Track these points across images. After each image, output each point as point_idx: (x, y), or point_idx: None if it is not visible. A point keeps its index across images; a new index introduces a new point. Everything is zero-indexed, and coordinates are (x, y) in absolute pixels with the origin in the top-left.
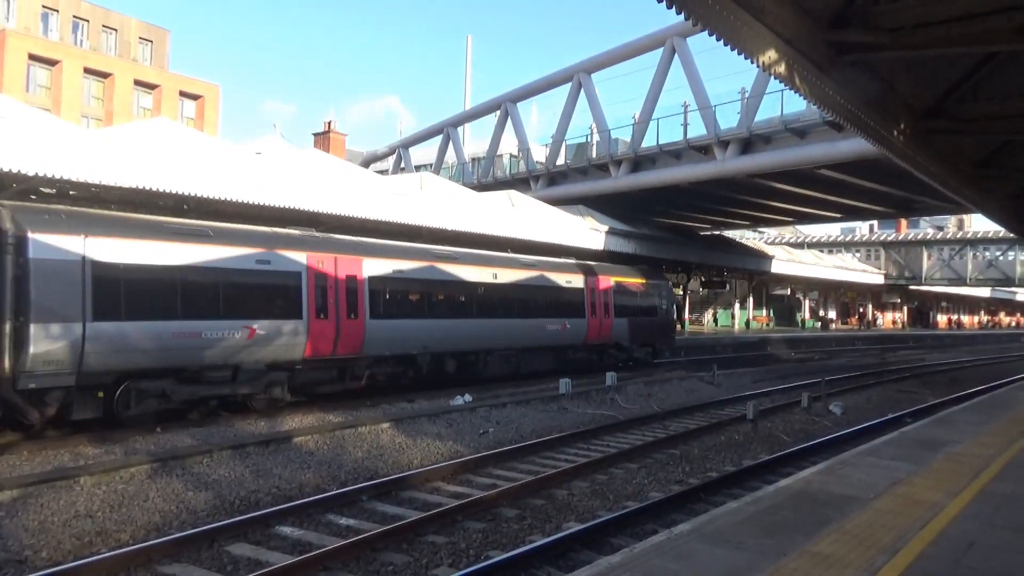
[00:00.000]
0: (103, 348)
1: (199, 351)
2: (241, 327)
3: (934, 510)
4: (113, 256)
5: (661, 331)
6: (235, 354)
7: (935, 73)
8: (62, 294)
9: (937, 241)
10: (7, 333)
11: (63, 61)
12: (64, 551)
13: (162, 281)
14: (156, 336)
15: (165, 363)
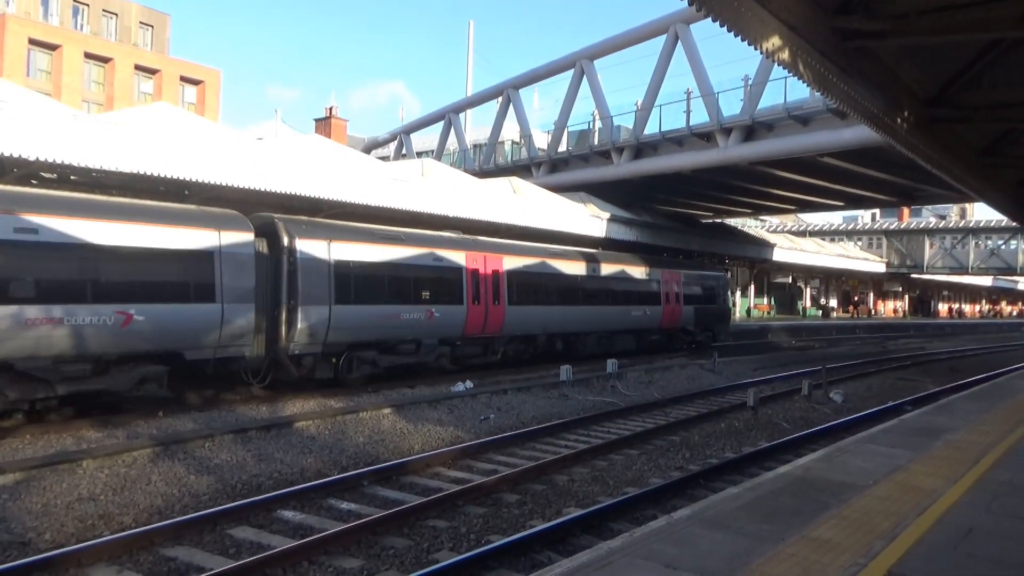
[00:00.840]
0: (340, 325)
1: (397, 329)
2: (424, 310)
3: (932, 497)
4: (345, 256)
5: (719, 318)
6: (419, 332)
7: (939, 61)
8: (317, 285)
9: (939, 230)
10: (284, 314)
11: (63, 46)
12: (67, 534)
13: (375, 274)
14: (372, 317)
15: (375, 337)
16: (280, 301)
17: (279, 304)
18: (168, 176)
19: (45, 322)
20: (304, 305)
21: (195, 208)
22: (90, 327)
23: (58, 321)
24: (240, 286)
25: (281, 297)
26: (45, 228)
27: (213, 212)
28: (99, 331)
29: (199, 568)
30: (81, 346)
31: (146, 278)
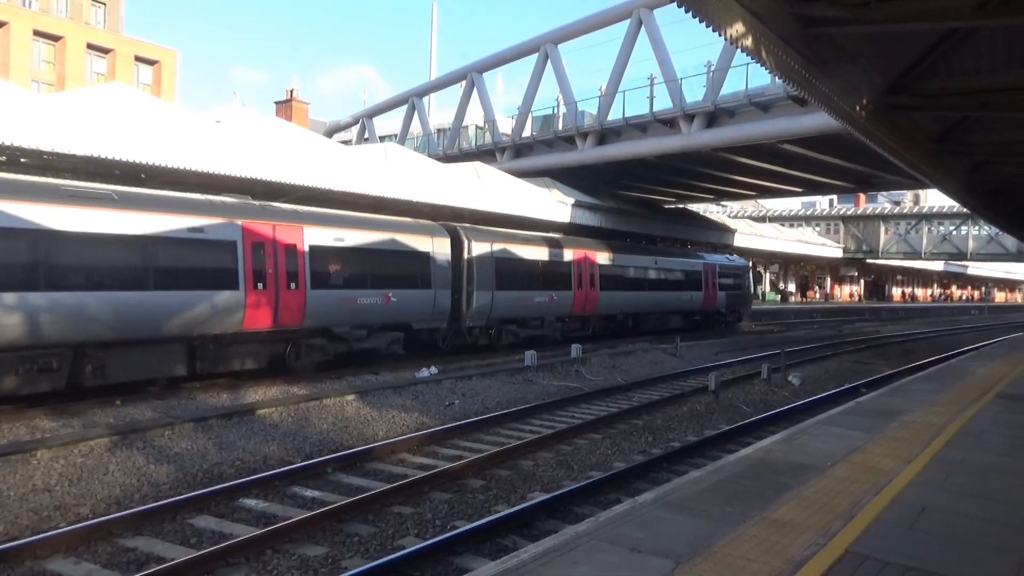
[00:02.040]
0: (499, 306)
1: (530, 308)
2: (548, 295)
3: (888, 477)
4: (502, 254)
5: (744, 301)
6: (544, 311)
7: (897, 49)
8: (485, 276)
9: (894, 216)
10: (464, 296)
11: (10, 23)
12: (21, 526)
13: (521, 268)
14: (518, 300)
15: (518, 315)
16: (461, 287)
17: (460, 290)
18: (124, 160)
19: (349, 301)
20: (478, 290)
21: (418, 221)
22: (371, 305)
23: (353, 301)
24: (443, 277)
25: (462, 284)
26: (349, 238)
27: (427, 224)
28: (374, 308)
29: (159, 558)
30: (366, 318)
31: (397, 272)
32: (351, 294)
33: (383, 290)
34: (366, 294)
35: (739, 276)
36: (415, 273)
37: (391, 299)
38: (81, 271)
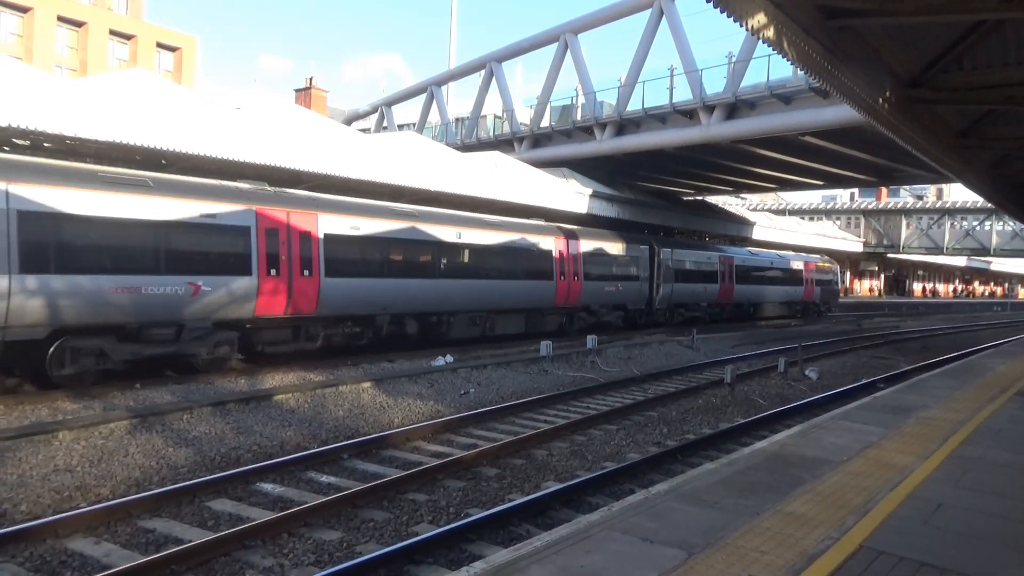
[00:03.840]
0: (676, 295)
1: (694, 296)
2: (704, 287)
3: (904, 473)
4: (678, 256)
5: (833, 295)
6: (700, 298)
7: (921, 41)
8: (667, 273)
9: (916, 210)
10: (654, 287)
11: (35, 8)
12: (44, 505)
13: (687, 268)
14: (685, 290)
15: (686, 301)
16: (652, 280)
17: (651, 281)
18: (145, 145)
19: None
20: (663, 283)
21: (634, 235)
22: (614, 290)
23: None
24: (644, 275)
25: (653, 278)
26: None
27: (638, 237)
28: (607, 292)
29: (178, 540)
30: (605, 299)
31: (624, 272)
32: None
33: (612, 282)
34: (608, 283)
35: (830, 275)
36: (638, 271)
37: (617, 289)
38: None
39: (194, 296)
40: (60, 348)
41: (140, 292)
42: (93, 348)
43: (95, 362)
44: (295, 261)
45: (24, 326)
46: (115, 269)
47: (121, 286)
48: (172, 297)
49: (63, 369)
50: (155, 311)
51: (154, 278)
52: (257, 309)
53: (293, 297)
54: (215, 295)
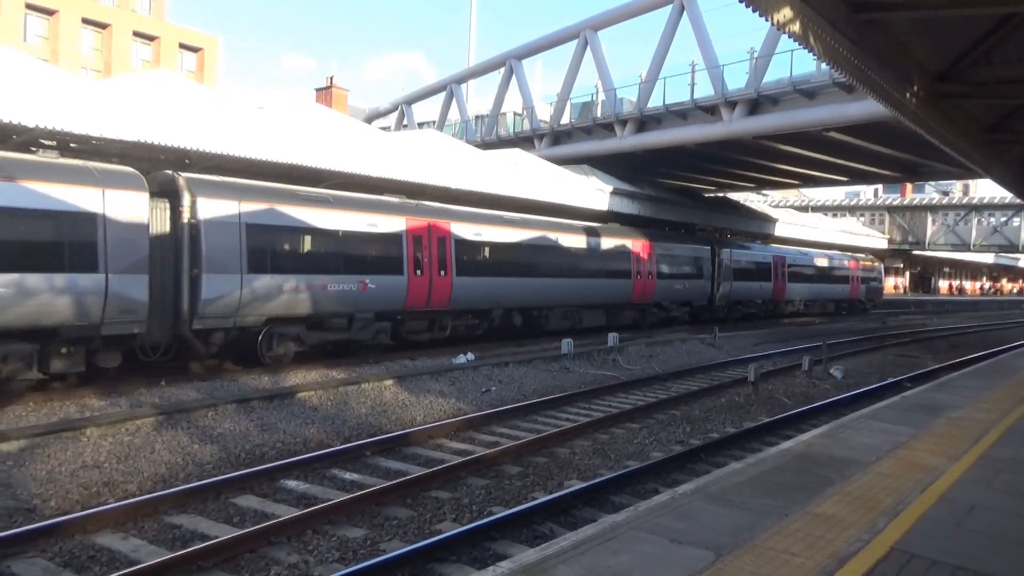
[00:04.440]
0: (735, 292)
1: (750, 293)
2: (759, 285)
3: (935, 474)
4: (737, 256)
5: (877, 293)
6: (756, 295)
7: (950, 35)
8: (727, 272)
9: (942, 206)
10: (715, 285)
11: (60, 11)
12: (72, 501)
13: (745, 267)
14: (744, 287)
15: (743, 298)
16: (714, 278)
17: (713, 280)
18: (169, 145)
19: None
20: (723, 281)
21: (697, 237)
22: (682, 288)
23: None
24: (708, 273)
25: (714, 277)
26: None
27: (701, 238)
28: (676, 289)
29: (204, 536)
30: (682, 295)
31: (691, 270)
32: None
33: (679, 281)
34: (676, 282)
35: (875, 273)
36: (700, 269)
37: (684, 287)
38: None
39: (363, 292)
40: (268, 333)
41: (326, 289)
42: (292, 334)
43: (294, 346)
44: (434, 263)
45: (250, 315)
46: (310, 270)
47: (314, 284)
48: (347, 293)
49: (270, 351)
50: (335, 305)
51: (336, 277)
52: (406, 303)
53: (433, 293)
54: (378, 291)
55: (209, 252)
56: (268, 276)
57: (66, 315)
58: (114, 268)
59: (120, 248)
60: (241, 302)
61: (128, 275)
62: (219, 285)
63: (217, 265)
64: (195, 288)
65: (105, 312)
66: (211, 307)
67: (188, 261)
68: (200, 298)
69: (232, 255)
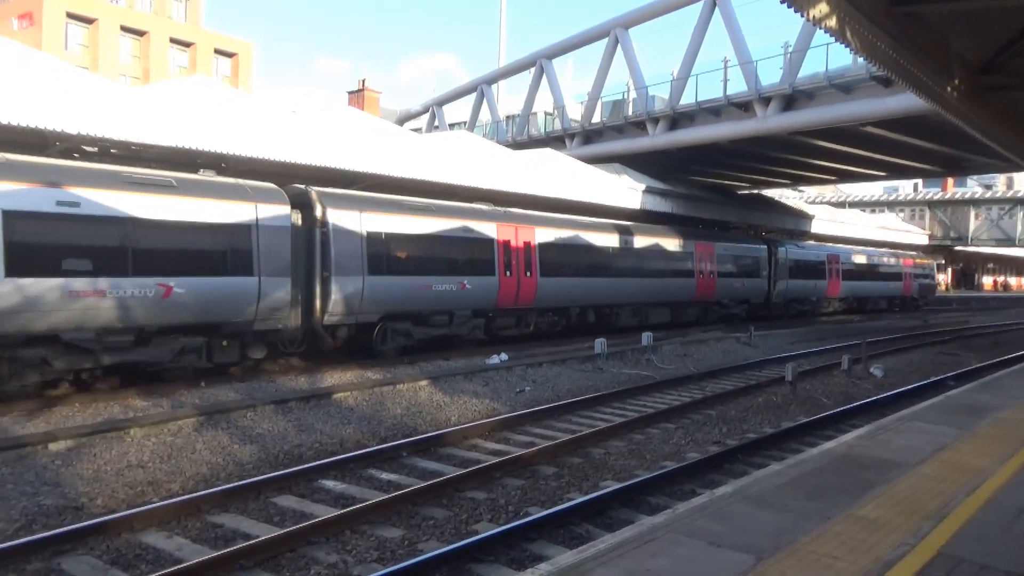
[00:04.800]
0: (791, 289)
1: (805, 291)
2: (814, 283)
3: (981, 476)
4: (794, 255)
5: (930, 290)
6: (811, 293)
7: (992, 26)
8: (784, 270)
9: (985, 200)
10: (772, 283)
11: (100, 19)
12: (118, 500)
13: (803, 265)
14: (727, 285)
15: (799, 296)
16: (771, 277)
17: (770, 278)
18: (205, 150)
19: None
20: (779, 280)
21: (754, 237)
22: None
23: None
24: (764, 271)
25: (771, 275)
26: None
27: (758, 238)
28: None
29: (245, 535)
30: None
31: (748, 268)
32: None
33: (738, 279)
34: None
35: (927, 270)
36: (758, 268)
37: (742, 285)
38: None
39: (461, 291)
40: (382, 328)
41: (430, 288)
42: (402, 329)
43: (403, 340)
44: (521, 265)
45: (368, 312)
46: (417, 272)
47: (421, 285)
48: (448, 292)
49: (384, 345)
50: (438, 303)
51: (438, 278)
52: (498, 301)
53: (520, 292)
54: (474, 291)
55: (337, 257)
56: (384, 278)
57: (228, 313)
58: (265, 272)
59: (269, 255)
60: (362, 301)
61: (275, 278)
62: (345, 286)
63: (344, 268)
64: (326, 288)
65: (258, 310)
66: (338, 305)
67: (320, 265)
68: (330, 297)
69: (355, 259)
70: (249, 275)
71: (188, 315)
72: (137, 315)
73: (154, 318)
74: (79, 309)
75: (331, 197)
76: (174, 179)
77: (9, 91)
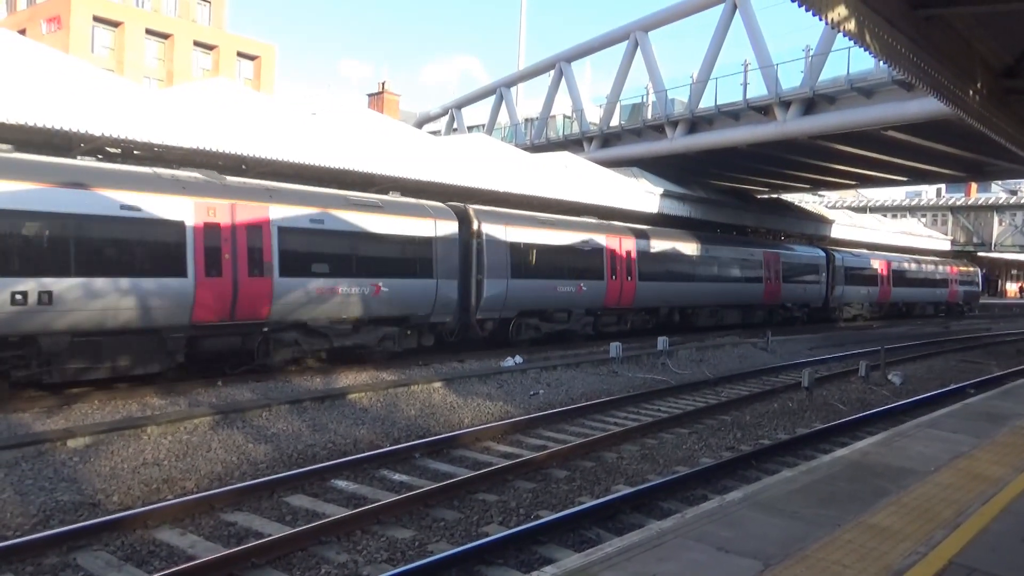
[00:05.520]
0: (785, 292)
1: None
2: (802, 287)
3: (998, 485)
4: (848, 263)
5: (974, 297)
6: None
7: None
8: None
9: (1010, 206)
10: (828, 288)
11: (125, 22)
12: (134, 496)
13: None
14: (791, 289)
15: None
16: (828, 282)
17: (827, 284)
18: (226, 151)
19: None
20: (836, 285)
21: (813, 245)
22: (802, 291)
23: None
24: (821, 276)
25: (828, 281)
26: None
27: (821, 247)
28: (798, 292)
29: (258, 533)
30: (802, 295)
31: (806, 275)
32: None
33: (800, 285)
34: (797, 286)
35: (972, 276)
36: (817, 276)
37: (804, 290)
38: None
39: (578, 293)
40: (517, 323)
41: (556, 290)
42: (533, 324)
43: (534, 333)
44: (623, 270)
45: (510, 309)
46: (546, 276)
47: (549, 287)
48: (568, 293)
49: (518, 335)
50: (560, 302)
51: (562, 281)
52: (605, 302)
53: (622, 294)
54: (588, 292)
55: (488, 263)
56: (522, 280)
57: (415, 307)
58: (440, 275)
59: (443, 261)
60: (506, 299)
61: (448, 280)
62: (494, 287)
63: (493, 272)
64: (479, 289)
65: (435, 306)
66: (488, 303)
67: (475, 269)
68: (483, 296)
69: (502, 265)
70: (430, 277)
71: (390, 309)
72: (357, 309)
73: (367, 311)
74: (320, 302)
75: (483, 213)
76: (380, 201)
77: (37, 93)
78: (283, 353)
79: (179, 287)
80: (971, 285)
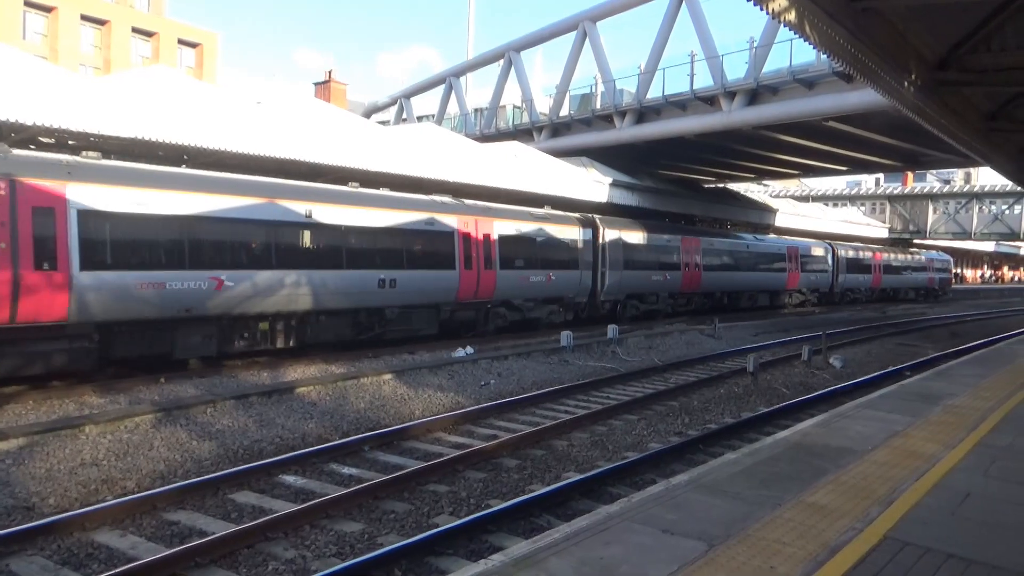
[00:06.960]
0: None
1: (810, 281)
2: (814, 275)
3: (931, 462)
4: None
5: (947, 283)
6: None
7: (948, 23)
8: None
9: (943, 195)
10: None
11: (59, 8)
12: (71, 499)
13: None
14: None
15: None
16: (834, 271)
17: (833, 272)
18: (166, 141)
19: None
20: (840, 273)
21: (821, 240)
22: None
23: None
24: (828, 265)
25: (834, 269)
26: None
27: (828, 242)
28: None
29: (201, 532)
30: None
31: (817, 265)
32: None
33: (813, 273)
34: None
35: (945, 263)
36: (825, 265)
37: (816, 278)
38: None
39: (664, 280)
40: (624, 304)
41: (650, 278)
42: (634, 305)
43: (634, 311)
44: (692, 261)
45: (621, 293)
46: (644, 268)
47: (646, 276)
48: (658, 281)
49: (624, 313)
50: (653, 287)
51: (654, 272)
52: (681, 287)
53: (691, 281)
54: (670, 280)
55: (609, 258)
56: (631, 271)
57: (567, 290)
58: (582, 267)
59: (583, 257)
60: (620, 286)
61: (585, 271)
62: (612, 276)
63: (612, 265)
64: (603, 278)
65: (578, 290)
66: (609, 289)
67: (599, 263)
68: (605, 283)
69: (618, 260)
70: (576, 269)
71: (555, 291)
72: (536, 291)
73: (543, 292)
74: (521, 287)
75: (606, 221)
76: (547, 214)
77: None
78: (497, 323)
79: (451, 276)
80: (945, 273)
